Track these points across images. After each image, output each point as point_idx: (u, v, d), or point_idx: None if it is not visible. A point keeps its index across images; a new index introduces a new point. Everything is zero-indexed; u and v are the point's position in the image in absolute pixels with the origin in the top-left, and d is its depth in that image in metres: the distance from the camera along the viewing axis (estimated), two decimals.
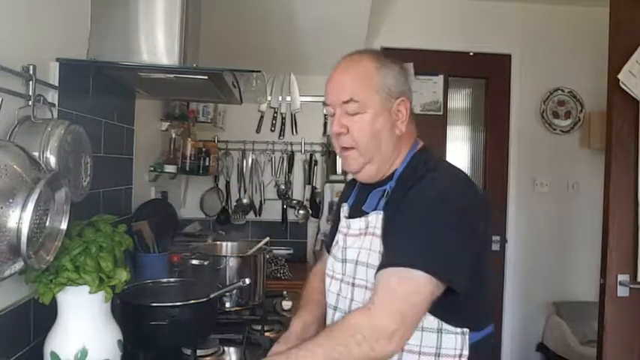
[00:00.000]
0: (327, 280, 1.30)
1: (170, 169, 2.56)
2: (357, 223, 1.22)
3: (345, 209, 1.34)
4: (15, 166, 0.99)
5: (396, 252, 1.07)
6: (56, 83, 1.35)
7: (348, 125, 1.17)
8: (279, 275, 2.68)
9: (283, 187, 3.23)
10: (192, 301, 1.44)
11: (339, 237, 1.29)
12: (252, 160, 3.22)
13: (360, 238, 1.20)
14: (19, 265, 1.00)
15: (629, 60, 2.15)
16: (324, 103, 1.23)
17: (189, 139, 2.77)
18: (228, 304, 1.91)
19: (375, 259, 1.13)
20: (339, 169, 3.13)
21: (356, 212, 1.27)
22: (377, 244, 1.14)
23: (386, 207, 1.16)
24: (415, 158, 1.22)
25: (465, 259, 1.07)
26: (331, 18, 2.53)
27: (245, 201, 3.24)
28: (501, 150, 3.44)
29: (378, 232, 1.14)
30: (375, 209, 1.18)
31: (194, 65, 1.62)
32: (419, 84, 3.34)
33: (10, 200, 0.95)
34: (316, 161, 3.24)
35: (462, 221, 1.08)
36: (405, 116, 1.19)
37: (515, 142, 3.42)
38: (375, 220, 1.16)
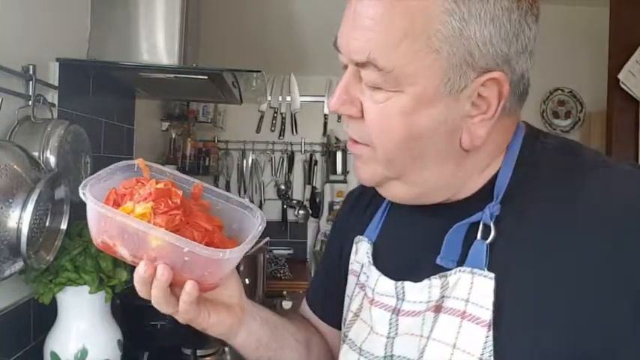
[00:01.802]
0: None
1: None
2: (422, 291, 0.64)
3: (364, 247, 0.75)
4: (15, 166, 0.98)
5: None
6: (56, 83, 1.35)
7: (363, 103, 0.61)
8: (279, 275, 2.68)
9: (283, 187, 3.23)
10: None
11: (377, 314, 0.68)
12: (252, 160, 3.22)
13: (428, 319, 0.62)
14: (19, 265, 1.00)
15: (629, 60, 2.16)
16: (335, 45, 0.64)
17: (189, 139, 2.77)
18: None
19: None
20: (339, 169, 3.13)
21: (401, 260, 0.70)
22: (475, 339, 0.57)
23: (496, 260, 0.59)
24: (528, 149, 0.64)
25: None
26: (331, 18, 2.52)
27: None
28: None
29: (484, 315, 0.57)
30: (465, 263, 0.61)
31: (194, 65, 1.62)
32: None
33: (10, 200, 0.95)
34: (316, 161, 3.24)
35: None
36: (494, 109, 0.59)
37: None
38: (469, 285, 0.59)
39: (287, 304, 1.97)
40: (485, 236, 0.60)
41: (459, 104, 0.58)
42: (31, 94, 1.20)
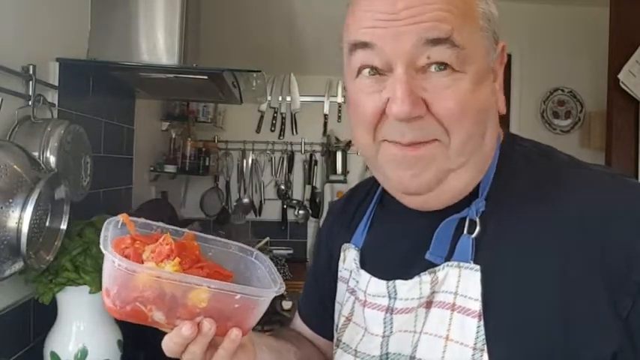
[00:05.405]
0: None
1: (170, 169, 2.56)
2: (413, 288, 0.66)
3: (351, 254, 0.77)
4: (15, 166, 0.98)
5: None
6: (56, 83, 1.35)
7: (427, 98, 0.59)
8: None
9: (283, 187, 3.23)
10: None
11: (371, 315, 0.69)
12: (252, 160, 3.22)
13: (420, 315, 0.64)
14: (19, 265, 1.00)
15: (629, 60, 2.16)
16: (360, 44, 0.61)
17: (189, 139, 2.77)
18: None
19: (459, 357, 0.59)
20: (339, 169, 3.13)
21: (390, 261, 0.71)
22: (468, 329, 0.59)
23: (482, 253, 0.62)
24: (508, 150, 0.69)
25: None
26: (331, 18, 2.53)
27: (245, 201, 3.24)
28: None
29: (473, 305, 0.60)
30: (452, 257, 0.63)
31: (194, 65, 1.62)
32: None
33: (10, 200, 0.95)
34: (316, 161, 3.24)
35: None
36: (501, 75, 0.68)
37: None
38: (457, 278, 0.62)
39: (287, 304, 1.97)
40: (471, 231, 0.63)
41: (491, 75, 0.65)
42: (31, 94, 1.20)
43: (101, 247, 0.59)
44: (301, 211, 3.24)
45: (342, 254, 0.80)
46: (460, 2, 0.59)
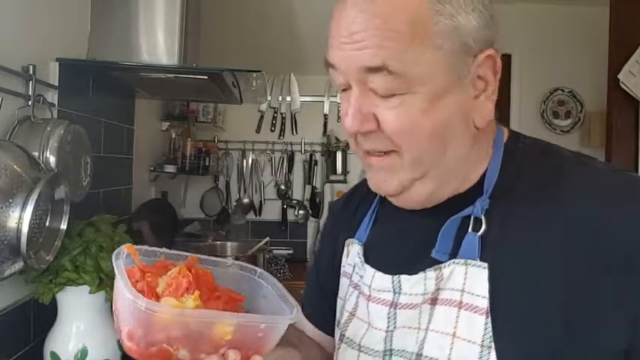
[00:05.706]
0: None
1: (170, 169, 2.56)
2: (418, 283, 0.67)
3: (355, 249, 0.78)
4: (15, 166, 0.98)
5: None
6: (56, 83, 1.35)
7: (378, 114, 0.62)
8: (279, 275, 2.68)
9: (283, 187, 3.23)
10: None
11: (375, 310, 0.70)
12: (252, 160, 3.22)
13: (425, 312, 0.65)
14: (19, 265, 1.00)
15: (629, 60, 2.16)
16: (328, 64, 0.65)
17: (189, 139, 2.77)
18: None
19: (467, 355, 0.60)
20: (339, 169, 3.13)
21: (394, 258, 0.72)
22: (474, 327, 0.60)
23: (488, 251, 0.62)
24: (512, 148, 0.69)
25: None
26: (331, 18, 2.52)
27: (245, 201, 3.24)
28: None
29: (481, 303, 0.60)
30: (458, 255, 0.64)
31: (194, 65, 1.62)
32: None
33: (10, 200, 0.95)
34: (316, 161, 3.24)
35: None
36: (494, 85, 0.64)
37: None
38: (464, 275, 0.62)
39: None
40: (476, 229, 0.64)
41: (464, 90, 0.62)
42: (31, 94, 1.20)
43: (125, 291, 0.56)
44: (301, 211, 3.24)
45: (345, 249, 0.81)
46: (405, 25, 0.58)
